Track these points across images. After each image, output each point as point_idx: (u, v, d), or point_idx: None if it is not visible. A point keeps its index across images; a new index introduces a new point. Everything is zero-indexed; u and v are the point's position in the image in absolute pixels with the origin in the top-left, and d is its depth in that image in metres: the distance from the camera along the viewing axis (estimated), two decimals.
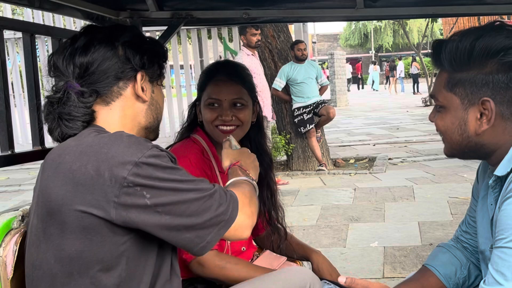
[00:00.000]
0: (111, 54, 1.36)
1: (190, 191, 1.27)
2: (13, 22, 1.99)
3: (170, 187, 1.24)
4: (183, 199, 1.25)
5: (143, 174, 1.21)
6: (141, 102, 1.42)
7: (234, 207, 1.34)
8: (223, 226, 1.31)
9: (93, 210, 1.21)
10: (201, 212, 1.27)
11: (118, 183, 1.20)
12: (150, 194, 1.22)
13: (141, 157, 1.22)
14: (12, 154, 1.71)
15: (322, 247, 4.22)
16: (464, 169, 6.90)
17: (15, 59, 10.98)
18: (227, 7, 2.38)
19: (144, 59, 1.41)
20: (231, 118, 1.90)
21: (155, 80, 1.46)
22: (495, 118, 1.35)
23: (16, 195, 7.14)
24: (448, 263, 1.67)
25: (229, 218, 1.32)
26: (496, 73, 1.34)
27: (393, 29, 44.91)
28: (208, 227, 1.28)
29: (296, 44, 7.36)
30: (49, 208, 1.26)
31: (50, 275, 1.28)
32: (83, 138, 1.30)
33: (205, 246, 1.30)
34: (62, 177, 1.24)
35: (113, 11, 2.16)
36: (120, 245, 1.25)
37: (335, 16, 2.42)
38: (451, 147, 1.46)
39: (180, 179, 1.27)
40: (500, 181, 1.38)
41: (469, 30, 1.39)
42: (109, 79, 1.36)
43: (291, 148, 7.63)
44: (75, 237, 1.23)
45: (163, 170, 1.24)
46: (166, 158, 1.27)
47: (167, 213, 1.24)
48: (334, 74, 20.65)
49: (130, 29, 1.46)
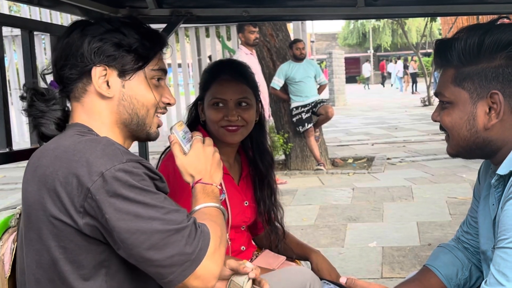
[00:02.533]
0: (76, 49, 1.31)
1: (154, 219, 1.15)
2: (12, 18, 1.97)
3: (131, 211, 1.14)
4: (143, 228, 1.13)
5: (106, 188, 1.13)
6: (106, 99, 1.32)
7: (203, 246, 1.19)
8: (188, 267, 1.17)
9: (63, 217, 1.17)
10: (162, 247, 1.14)
11: (83, 193, 1.14)
12: (109, 214, 1.13)
13: (109, 169, 1.14)
14: (10, 152, 1.70)
15: (320, 247, 4.21)
16: (463, 169, 6.90)
17: (12, 56, 10.95)
18: (226, 5, 2.37)
19: (105, 52, 1.31)
20: (237, 118, 1.89)
21: (128, 74, 1.33)
22: (504, 112, 1.35)
23: (13, 193, 7.12)
24: (450, 264, 1.66)
25: (195, 259, 1.18)
26: (505, 67, 1.34)
27: (392, 29, 44.94)
28: (169, 265, 1.16)
29: (295, 43, 7.35)
30: (28, 213, 1.24)
31: (34, 280, 1.25)
32: (63, 140, 1.26)
33: (168, 284, 1.18)
34: (37, 181, 1.22)
35: (112, 8, 2.15)
36: (97, 254, 1.21)
37: (335, 14, 2.41)
38: (457, 144, 1.44)
39: (147, 202, 1.15)
40: (502, 181, 1.37)
41: (475, 25, 1.40)
42: (73, 75, 1.32)
43: (289, 147, 7.62)
44: (51, 244, 1.20)
45: (129, 188, 1.14)
46: (139, 177, 1.17)
47: (123, 241, 1.14)
48: (332, 74, 20.66)
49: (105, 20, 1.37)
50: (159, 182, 1.24)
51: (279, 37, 7.53)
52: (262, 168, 2.04)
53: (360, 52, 49.43)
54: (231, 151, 2.00)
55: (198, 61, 11.81)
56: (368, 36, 46.84)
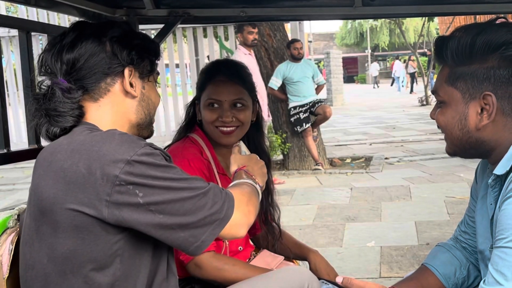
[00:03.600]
0: (98, 50, 1.34)
1: (183, 189, 1.25)
2: (9, 19, 1.97)
3: (163, 186, 1.23)
4: (176, 197, 1.24)
5: (135, 172, 1.20)
6: (131, 98, 1.39)
7: (229, 205, 1.32)
8: (218, 225, 1.29)
9: (85, 209, 1.20)
10: (195, 210, 1.26)
11: (110, 181, 1.18)
12: (142, 192, 1.21)
13: (133, 155, 1.20)
14: (8, 153, 1.70)
15: (318, 247, 4.21)
16: (461, 169, 6.91)
17: (9, 57, 10.93)
18: (224, 5, 2.37)
19: (133, 55, 1.38)
20: (231, 119, 1.89)
21: (146, 76, 1.43)
22: (496, 113, 1.35)
23: (10, 194, 7.11)
24: (448, 263, 1.66)
25: (224, 217, 1.30)
26: (497, 68, 1.34)
27: (389, 28, 44.99)
28: (202, 226, 1.27)
29: (293, 43, 7.35)
30: (41, 207, 1.24)
31: (43, 274, 1.26)
32: (75, 136, 1.28)
33: (200, 245, 1.28)
34: (53, 175, 1.23)
35: (110, 9, 2.15)
36: (113, 244, 1.24)
37: (333, 14, 2.41)
38: (452, 143, 1.45)
39: (174, 177, 1.25)
40: (499, 180, 1.38)
41: (471, 25, 1.40)
42: (96, 75, 1.34)
43: (287, 147, 7.62)
44: (68, 236, 1.22)
45: (156, 168, 1.23)
46: (159, 157, 1.26)
47: (161, 212, 1.22)
48: (330, 73, 20.66)
49: (119, 25, 1.42)
50: (170, 160, 1.32)
51: (277, 37, 7.53)
52: None
53: (357, 52, 49.45)
54: (227, 152, 2.00)
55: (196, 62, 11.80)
56: (366, 36, 46.84)
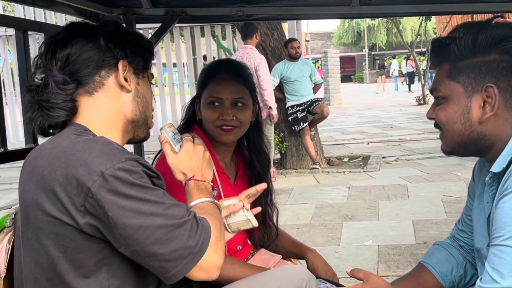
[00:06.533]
0: (92, 44, 1.33)
1: (156, 215, 1.17)
2: (6, 18, 1.96)
3: (134, 208, 1.15)
4: (146, 224, 1.15)
5: (107, 187, 1.14)
6: (125, 92, 1.36)
7: (205, 238, 1.22)
8: (191, 260, 1.20)
9: (63, 217, 1.18)
10: (165, 241, 1.16)
11: (84, 192, 1.15)
12: (112, 212, 1.14)
13: (109, 168, 1.15)
14: (5, 152, 1.69)
15: (316, 246, 4.21)
16: (458, 168, 6.92)
17: (6, 56, 10.92)
18: (221, 4, 2.37)
19: (126, 49, 1.36)
20: (231, 118, 1.89)
21: (140, 73, 1.41)
22: (498, 106, 1.36)
23: (7, 193, 7.09)
24: (445, 261, 1.67)
25: (199, 251, 1.21)
26: (500, 61, 1.36)
27: (387, 28, 45.02)
28: (173, 259, 1.18)
29: (290, 42, 7.36)
30: (26, 212, 1.24)
31: (32, 279, 1.25)
32: (60, 140, 1.26)
33: (171, 277, 1.21)
34: (35, 181, 1.22)
35: (107, 8, 2.15)
36: (97, 252, 1.21)
37: (330, 13, 2.42)
38: (452, 139, 1.44)
39: (149, 199, 1.17)
40: (496, 178, 1.38)
41: (471, 23, 1.42)
42: (90, 68, 1.32)
43: (284, 147, 7.63)
44: (50, 244, 1.20)
45: (130, 186, 1.16)
46: (138, 175, 1.18)
47: (128, 237, 1.15)
48: (327, 73, 20.67)
49: (112, 23, 1.42)
50: (156, 180, 1.25)
51: (274, 36, 7.53)
52: (258, 169, 2.04)
53: (355, 51, 49.48)
54: (227, 151, 2.00)
55: (193, 61, 11.81)
56: (363, 35, 46.90)
